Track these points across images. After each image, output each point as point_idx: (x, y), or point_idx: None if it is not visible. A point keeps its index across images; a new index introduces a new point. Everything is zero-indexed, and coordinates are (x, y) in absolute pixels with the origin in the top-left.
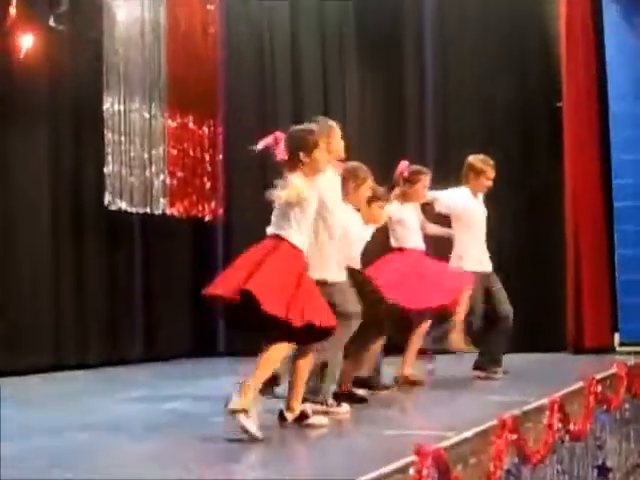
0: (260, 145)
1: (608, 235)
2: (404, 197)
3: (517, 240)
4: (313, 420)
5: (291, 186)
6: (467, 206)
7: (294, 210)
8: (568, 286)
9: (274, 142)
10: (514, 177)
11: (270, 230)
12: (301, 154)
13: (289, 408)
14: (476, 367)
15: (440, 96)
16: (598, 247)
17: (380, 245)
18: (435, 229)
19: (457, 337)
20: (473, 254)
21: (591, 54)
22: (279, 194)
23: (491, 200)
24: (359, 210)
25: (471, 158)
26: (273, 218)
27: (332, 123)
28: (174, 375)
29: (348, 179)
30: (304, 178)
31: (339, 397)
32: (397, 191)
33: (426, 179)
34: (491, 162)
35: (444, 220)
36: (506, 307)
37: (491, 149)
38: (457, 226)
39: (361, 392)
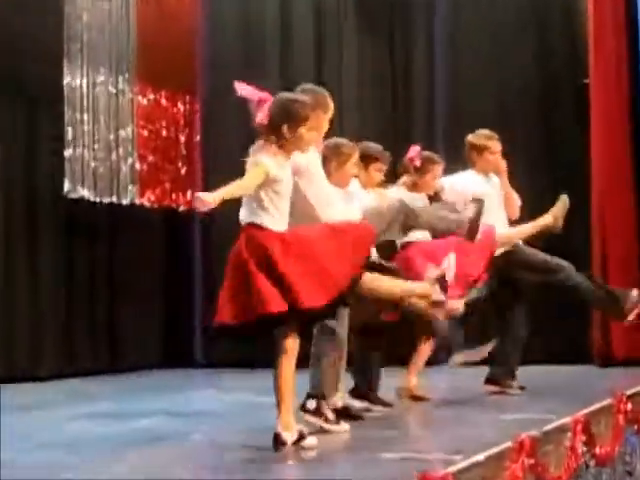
0: (243, 91)
1: (639, 230)
2: (413, 187)
3: (535, 237)
4: (307, 441)
5: (258, 165)
6: (477, 190)
7: (266, 192)
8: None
9: (257, 103)
10: (535, 163)
11: (243, 218)
12: (284, 127)
13: (284, 427)
14: (489, 380)
15: (451, 69)
16: (628, 240)
17: None
18: None
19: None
20: None
21: (621, 24)
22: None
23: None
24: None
25: (470, 136)
26: (244, 204)
27: (329, 100)
28: (144, 388)
29: (330, 158)
30: (279, 155)
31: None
32: (406, 179)
33: (438, 169)
34: (493, 135)
35: None
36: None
37: (508, 132)
38: None
39: (357, 405)
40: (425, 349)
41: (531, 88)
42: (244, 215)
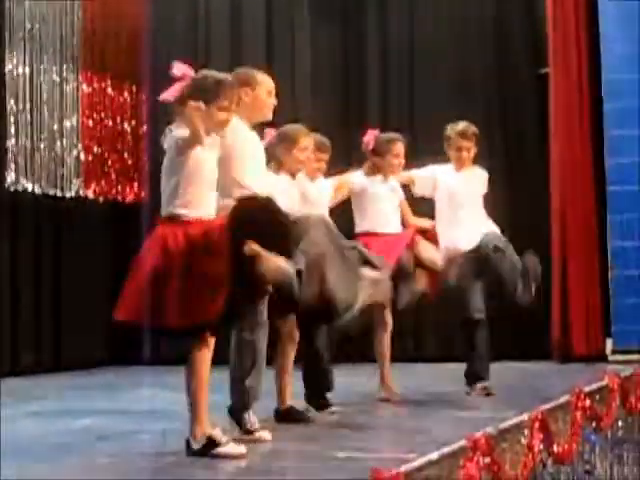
0: (177, 70)
1: (599, 224)
2: (375, 170)
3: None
4: (226, 449)
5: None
6: (445, 183)
7: (186, 178)
8: (553, 284)
9: (182, 76)
10: (491, 156)
11: (164, 209)
12: (200, 103)
13: (192, 434)
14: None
15: (406, 55)
16: (588, 238)
17: None
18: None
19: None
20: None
21: (581, 11)
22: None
23: None
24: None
25: (447, 126)
26: (163, 192)
27: (256, 74)
28: (87, 386)
29: (277, 143)
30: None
31: (279, 417)
32: (367, 164)
33: (398, 147)
34: (462, 129)
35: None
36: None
37: (462, 120)
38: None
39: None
40: (386, 338)
41: (489, 77)
42: (165, 205)
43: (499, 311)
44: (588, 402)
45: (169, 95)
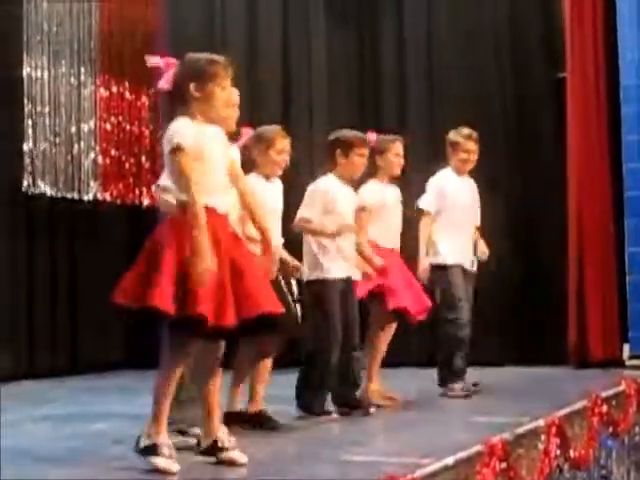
0: (151, 62)
1: (617, 229)
2: (377, 171)
3: (511, 236)
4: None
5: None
6: (455, 192)
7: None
8: (570, 289)
9: (165, 66)
10: (507, 161)
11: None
12: (191, 86)
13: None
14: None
15: (422, 60)
16: (605, 243)
17: None
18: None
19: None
20: (455, 249)
21: (599, 16)
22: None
23: (480, 190)
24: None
25: (450, 133)
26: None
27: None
28: (103, 390)
29: (253, 145)
30: (193, 121)
31: (250, 420)
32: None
33: (397, 147)
34: (468, 132)
35: None
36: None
37: (482, 126)
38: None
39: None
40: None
41: (506, 81)
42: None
43: (516, 316)
44: (605, 408)
45: (163, 85)
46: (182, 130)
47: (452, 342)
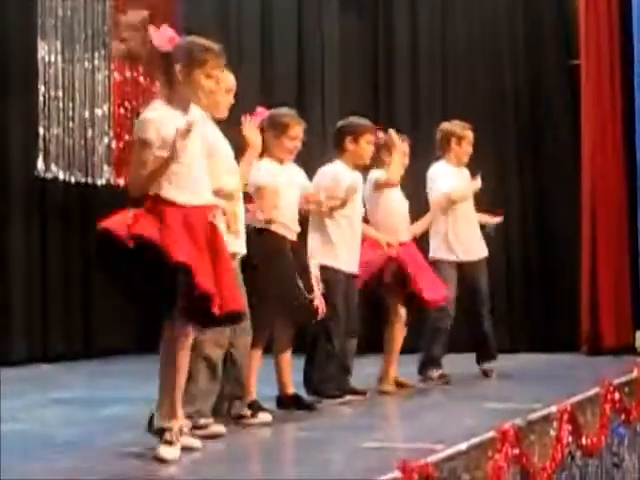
0: (155, 37)
1: (630, 216)
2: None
3: (524, 223)
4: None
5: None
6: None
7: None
8: (583, 276)
9: (167, 43)
10: (521, 148)
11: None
12: (177, 66)
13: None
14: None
15: (436, 50)
16: (618, 230)
17: None
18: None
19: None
20: (460, 241)
21: (614, 3)
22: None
23: (494, 177)
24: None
25: (446, 125)
26: None
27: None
28: (116, 374)
29: (267, 128)
30: (170, 105)
31: (282, 403)
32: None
33: (404, 145)
34: (467, 124)
35: None
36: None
37: (492, 112)
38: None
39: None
40: (399, 333)
41: (520, 69)
42: None
43: (529, 303)
44: (617, 395)
45: (159, 44)
46: (154, 122)
47: (433, 331)
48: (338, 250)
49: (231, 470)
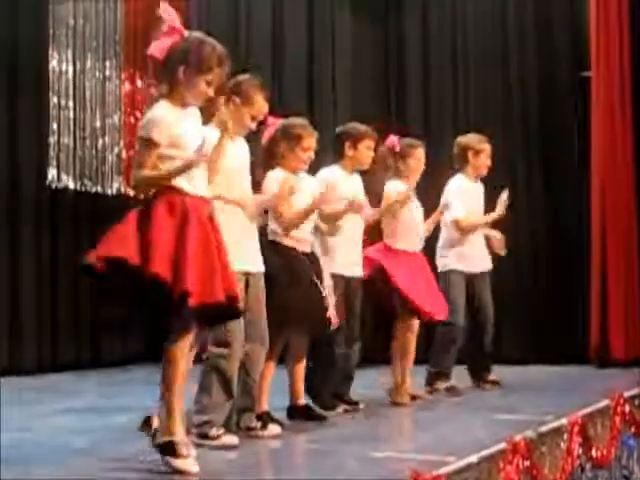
0: (164, 13)
1: None
2: (397, 174)
3: (533, 232)
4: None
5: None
6: (476, 196)
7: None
8: (593, 288)
9: (167, 31)
10: (530, 159)
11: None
12: (180, 69)
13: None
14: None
15: (446, 58)
16: (629, 239)
17: None
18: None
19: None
20: (470, 254)
21: (624, 15)
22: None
23: (505, 186)
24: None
25: (463, 138)
26: None
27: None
28: (125, 383)
29: (279, 138)
30: (171, 104)
31: (293, 414)
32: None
33: (419, 152)
34: (480, 136)
35: None
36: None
37: (503, 122)
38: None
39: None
40: (410, 343)
41: (530, 80)
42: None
43: (539, 315)
44: (627, 407)
45: (154, 51)
46: (161, 121)
47: (441, 344)
48: (336, 253)
49: None
